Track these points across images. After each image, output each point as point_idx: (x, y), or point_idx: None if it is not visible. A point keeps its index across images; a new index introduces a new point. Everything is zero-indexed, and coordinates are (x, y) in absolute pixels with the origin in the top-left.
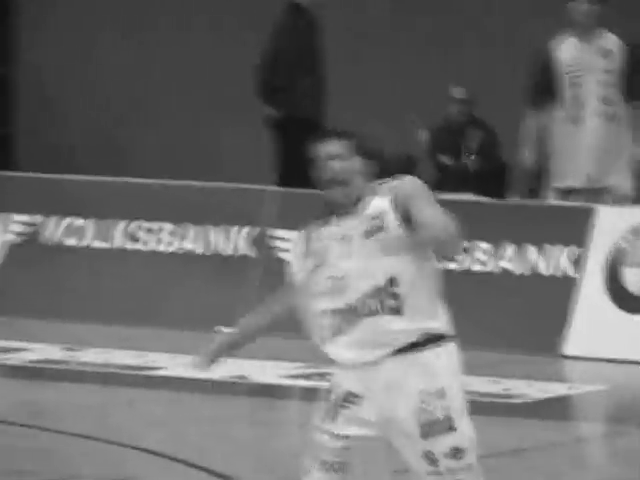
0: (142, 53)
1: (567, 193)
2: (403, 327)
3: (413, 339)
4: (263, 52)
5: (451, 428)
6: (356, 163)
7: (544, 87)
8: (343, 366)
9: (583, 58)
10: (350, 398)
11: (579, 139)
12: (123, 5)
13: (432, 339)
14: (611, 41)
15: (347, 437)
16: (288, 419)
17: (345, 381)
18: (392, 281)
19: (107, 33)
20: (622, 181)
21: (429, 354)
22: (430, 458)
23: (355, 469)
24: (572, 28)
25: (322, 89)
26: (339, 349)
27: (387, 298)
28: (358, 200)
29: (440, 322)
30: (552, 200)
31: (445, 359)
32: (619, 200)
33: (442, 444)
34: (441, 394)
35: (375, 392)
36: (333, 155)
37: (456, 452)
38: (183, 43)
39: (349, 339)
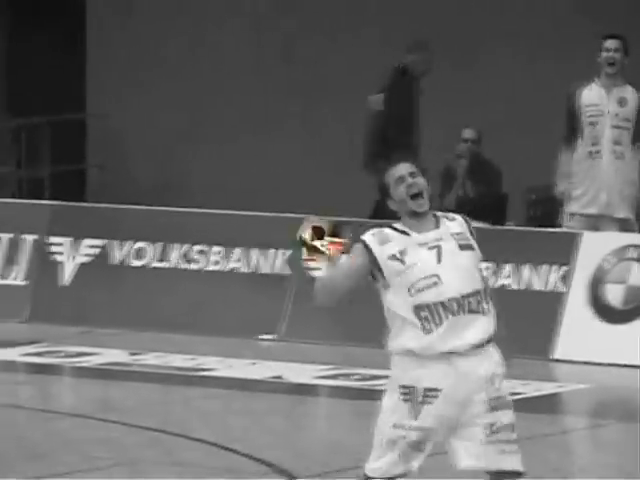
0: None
1: (580, 217)
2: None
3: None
4: (369, 122)
5: (511, 407)
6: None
7: (573, 127)
8: None
9: (602, 104)
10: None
11: (592, 172)
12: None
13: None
14: (628, 91)
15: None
16: (318, 413)
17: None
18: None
19: (161, 79)
20: (627, 212)
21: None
22: (491, 429)
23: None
24: (598, 77)
25: (418, 145)
26: None
27: None
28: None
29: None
30: (567, 224)
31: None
32: (624, 228)
33: (505, 417)
34: (503, 378)
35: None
36: (414, 172)
37: (512, 427)
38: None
39: None
